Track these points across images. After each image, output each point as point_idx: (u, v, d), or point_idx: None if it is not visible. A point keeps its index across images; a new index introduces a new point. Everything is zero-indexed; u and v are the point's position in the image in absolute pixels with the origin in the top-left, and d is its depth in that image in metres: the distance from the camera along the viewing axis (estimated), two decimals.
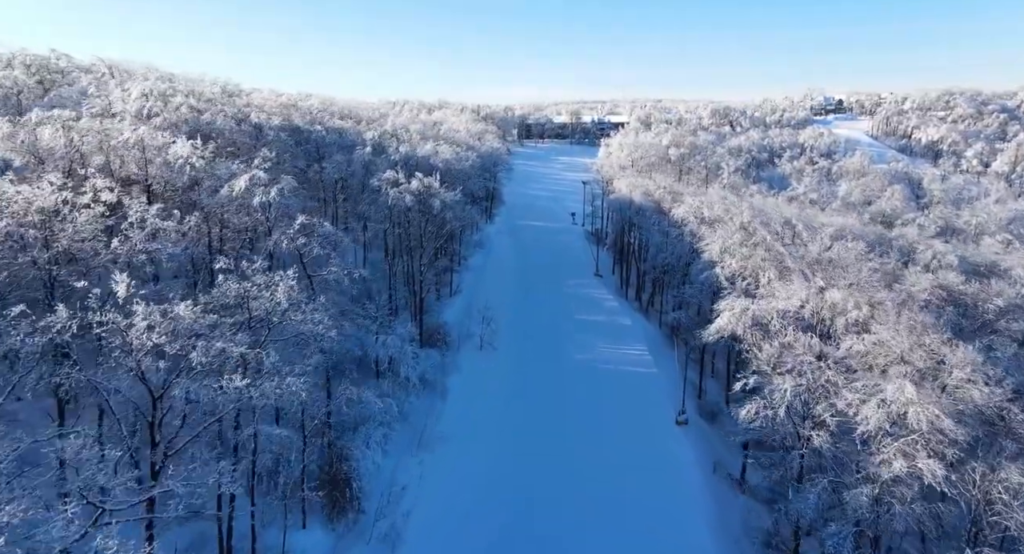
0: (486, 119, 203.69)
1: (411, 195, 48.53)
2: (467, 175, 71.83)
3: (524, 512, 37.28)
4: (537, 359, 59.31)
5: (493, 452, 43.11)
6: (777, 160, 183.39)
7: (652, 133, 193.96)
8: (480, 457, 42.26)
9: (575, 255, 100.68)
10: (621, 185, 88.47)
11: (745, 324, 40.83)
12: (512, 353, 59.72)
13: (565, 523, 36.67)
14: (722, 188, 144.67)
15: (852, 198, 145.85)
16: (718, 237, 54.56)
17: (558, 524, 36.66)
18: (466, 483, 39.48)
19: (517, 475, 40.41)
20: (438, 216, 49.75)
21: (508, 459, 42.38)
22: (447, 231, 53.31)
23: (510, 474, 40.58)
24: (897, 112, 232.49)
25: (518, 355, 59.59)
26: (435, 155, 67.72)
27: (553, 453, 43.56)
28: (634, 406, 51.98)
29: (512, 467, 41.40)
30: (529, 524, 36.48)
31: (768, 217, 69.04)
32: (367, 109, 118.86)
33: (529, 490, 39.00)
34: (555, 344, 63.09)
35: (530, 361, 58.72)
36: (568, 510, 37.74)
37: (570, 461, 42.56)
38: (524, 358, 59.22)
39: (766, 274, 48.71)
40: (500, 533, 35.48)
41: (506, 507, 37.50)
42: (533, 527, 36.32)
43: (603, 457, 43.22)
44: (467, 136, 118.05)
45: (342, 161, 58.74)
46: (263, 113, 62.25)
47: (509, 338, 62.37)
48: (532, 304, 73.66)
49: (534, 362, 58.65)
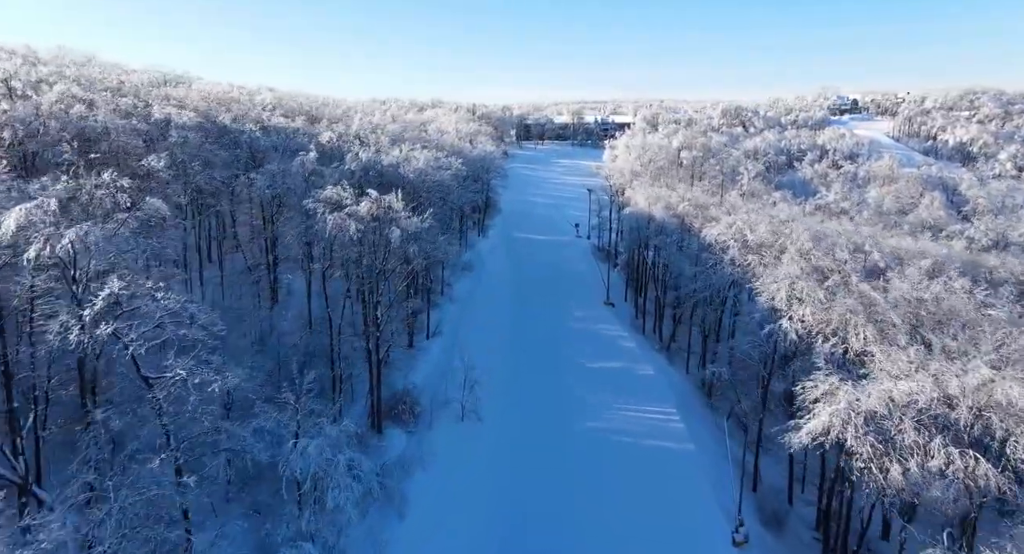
0: (482, 119, 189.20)
1: (358, 222, 34.28)
2: (447, 188, 57.68)
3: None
4: (535, 433, 44.90)
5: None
6: (797, 164, 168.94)
7: (661, 134, 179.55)
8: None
9: (581, 277, 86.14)
10: (637, 197, 74.21)
11: (856, 426, 26.43)
12: (503, 426, 45.30)
13: None
14: (741, 196, 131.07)
15: (884, 206, 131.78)
16: (782, 278, 40.14)
17: None
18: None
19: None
20: (398, 250, 35.57)
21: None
22: (412, 269, 39.02)
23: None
24: (920, 112, 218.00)
25: (511, 429, 45.17)
26: (405, 163, 53.45)
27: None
28: (669, 512, 37.57)
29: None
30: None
31: (828, 239, 54.83)
32: (337, 107, 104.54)
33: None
34: (559, 408, 48.73)
35: (526, 438, 44.27)
36: None
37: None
38: (519, 433, 44.78)
39: (859, 332, 34.36)
40: None
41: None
42: None
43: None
44: (456, 138, 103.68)
45: (277, 171, 44.54)
46: (179, 108, 48.12)
47: (500, 401, 47.95)
48: (530, 349, 59.24)
49: (531, 439, 44.23)
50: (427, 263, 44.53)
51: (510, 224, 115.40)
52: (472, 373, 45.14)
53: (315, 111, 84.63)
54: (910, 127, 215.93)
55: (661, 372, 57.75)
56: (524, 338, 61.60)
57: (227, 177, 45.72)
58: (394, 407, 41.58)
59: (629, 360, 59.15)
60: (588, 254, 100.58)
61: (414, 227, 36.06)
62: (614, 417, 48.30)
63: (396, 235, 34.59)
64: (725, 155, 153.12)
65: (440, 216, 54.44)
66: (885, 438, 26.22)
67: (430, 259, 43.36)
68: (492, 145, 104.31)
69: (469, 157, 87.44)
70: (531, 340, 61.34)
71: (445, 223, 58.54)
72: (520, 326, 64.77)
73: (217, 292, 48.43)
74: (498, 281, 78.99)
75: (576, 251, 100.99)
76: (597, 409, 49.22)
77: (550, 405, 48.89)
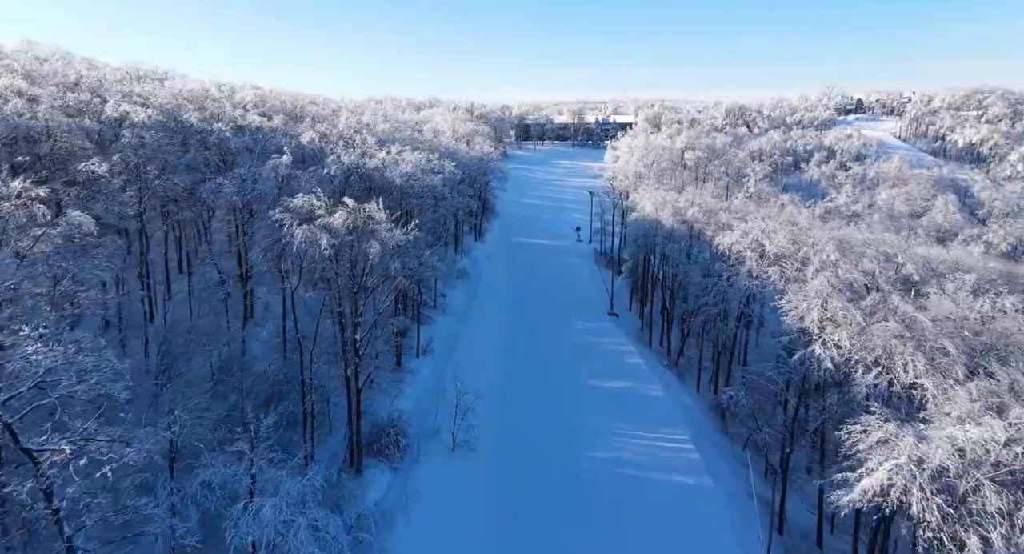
0: (480, 119, 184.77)
1: (331, 235, 29.73)
2: (439, 194, 53.02)
3: None
4: (534, 466, 40.40)
5: None
6: (804, 165, 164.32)
7: (663, 134, 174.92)
8: None
9: (583, 285, 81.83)
10: (643, 201, 69.68)
11: (922, 485, 21.93)
12: (498, 457, 40.82)
13: None
14: (747, 198, 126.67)
15: (895, 209, 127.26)
16: (813, 296, 35.58)
17: None
18: None
19: None
20: (377, 267, 30.99)
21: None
22: (396, 287, 34.41)
23: None
24: (928, 112, 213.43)
25: (508, 461, 40.69)
26: (393, 166, 48.73)
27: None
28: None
29: None
30: None
31: (853, 248, 50.33)
32: (325, 106, 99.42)
33: None
34: (561, 435, 44.27)
35: (524, 471, 39.77)
36: None
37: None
38: (516, 466, 40.27)
39: (907, 362, 29.84)
40: None
41: None
42: None
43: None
44: (452, 139, 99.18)
45: (247, 176, 39.86)
46: (141, 106, 43.57)
47: (495, 428, 43.49)
48: (530, 366, 54.77)
49: (530, 472, 39.73)
50: (412, 281, 40.01)
51: (508, 228, 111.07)
52: (465, 398, 40.69)
53: (299, 110, 79.85)
54: (917, 127, 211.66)
55: (671, 392, 53.31)
56: (523, 354, 57.15)
57: (194, 182, 41.12)
58: (376, 440, 37.07)
59: (636, 378, 54.71)
60: (590, 260, 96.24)
61: (397, 240, 31.57)
62: (622, 446, 43.85)
63: (375, 250, 30.14)
64: (730, 156, 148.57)
65: (431, 224, 50.20)
66: (957, 500, 21.74)
67: (415, 277, 38.86)
68: (490, 146, 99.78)
69: (465, 159, 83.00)
70: (530, 357, 56.90)
71: (436, 231, 54.27)
72: (519, 341, 60.33)
73: (183, 309, 43.95)
74: (496, 290, 74.56)
75: (577, 257, 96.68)
76: (603, 436, 44.78)
77: (551, 432, 44.40)
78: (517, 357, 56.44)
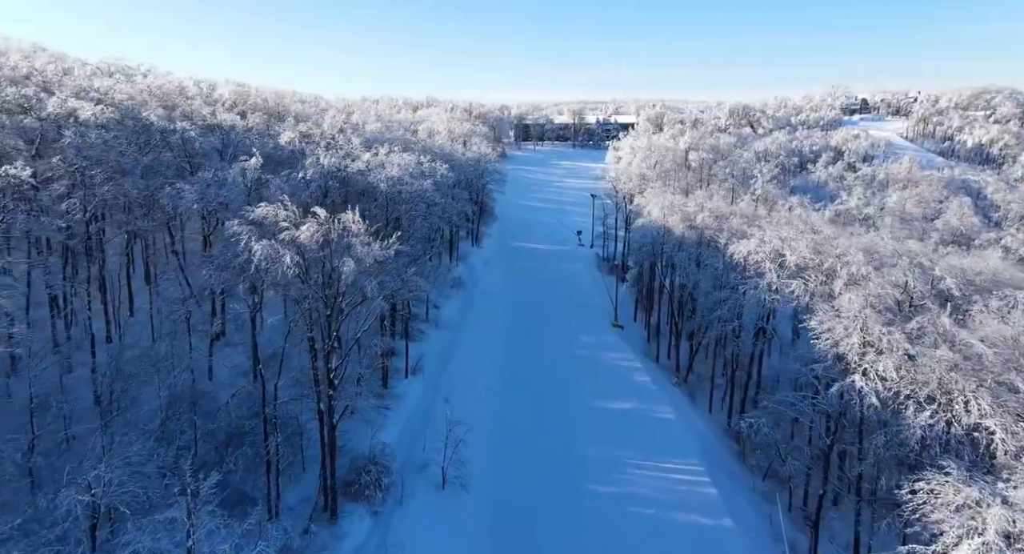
0: (479, 119, 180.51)
1: (296, 252, 25.37)
2: (431, 199, 48.57)
3: None
4: (534, 505, 36.14)
5: None
6: (811, 166, 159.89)
7: (666, 135, 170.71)
8: None
9: (585, 293, 77.58)
10: (651, 206, 65.29)
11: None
12: (494, 495, 36.55)
13: None
14: (754, 200, 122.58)
15: (907, 211, 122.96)
16: (851, 318, 31.20)
17: None
18: None
19: None
20: (353, 287, 26.56)
21: None
22: (375, 309, 29.93)
23: None
24: (935, 112, 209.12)
25: (504, 499, 36.42)
26: (378, 170, 44.20)
27: None
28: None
29: None
30: None
31: (880, 258, 46.09)
32: (312, 104, 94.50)
33: None
34: (564, 467, 40.00)
35: (523, 511, 35.50)
36: None
37: None
38: (513, 505, 36.00)
39: (969, 401, 25.56)
40: None
41: None
42: None
43: None
44: (448, 139, 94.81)
45: (211, 181, 35.40)
46: (96, 102, 39.14)
47: (491, 460, 39.25)
48: (529, 386, 50.49)
49: (529, 512, 35.48)
50: (393, 302, 35.70)
51: (507, 231, 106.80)
52: (457, 428, 36.36)
53: (282, 108, 75.15)
54: (925, 128, 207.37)
55: (682, 414, 49.02)
56: (521, 372, 52.84)
57: (154, 187, 36.66)
58: (355, 479, 32.76)
59: (644, 399, 50.45)
60: (592, 266, 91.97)
61: (375, 256, 27.22)
62: (631, 479, 39.57)
63: (350, 268, 25.83)
64: (736, 157, 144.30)
65: (422, 233, 45.88)
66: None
67: (396, 298, 34.50)
68: (488, 147, 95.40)
69: (461, 161, 78.69)
70: (530, 374, 52.61)
71: (430, 238, 49.95)
72: (517, 357, 56.03)
73: (145, 328, 39.59)
74: (493, 299, 70.21)
75: (579, 262, 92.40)
76: (609, 467, 40.51)
77: (552, 463, 40.10)
78: (515, 375, 52.18)
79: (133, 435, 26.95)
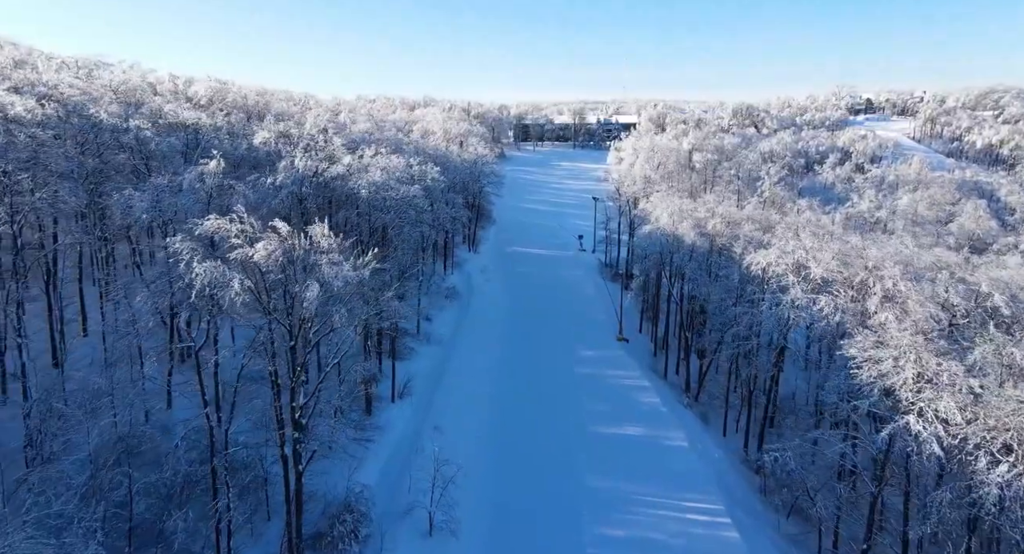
0: (477, 119, 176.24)
1: (246, 277, 21.05)
2: (420, 206, 43.91)
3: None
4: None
5: None
6: (818, 167, 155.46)
7: (669, 135, 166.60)
8: None
9: (587, 303, 73.29)
10: (658, 212, 60.87)
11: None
12: (487, 544, 32.19)
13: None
14: (761, 203, 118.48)
15: (919, 214, 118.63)
16: (904, 348, 26.83)
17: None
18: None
19: None
20: (320, 315, 22.26)
21: None
22: (348, 338, 25.14)
23: None
24: (943, 112, 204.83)
25: (499, 549, 32.04)
26: (361, 174, 39.70)
27: None
28: None
29: None
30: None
31: (918, 271, 41.92)
32: (295, 102, 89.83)
33: None
34: (568, 506, 35.73)
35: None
36: None
37: None
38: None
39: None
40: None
41: None
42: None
43: None
44: (444, 139, 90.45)
45: (164, 187, 31.05)
46: (41, 98, 34.76)
47: (484, 500, 34.93)
48: (527, 409, 46.20)
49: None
50: (367, 330, 31.36)
51: (505, 236, 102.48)
52: (447, 467, 32.11)
53: (262, 106, 70.53)
54: (932, 128, 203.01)
55: (696, 442, 44.71)
56: (519, 393, 48.57)
57: (104, 192, 32.38)
58: (328, 531, 28.46)
59: (654, 423, 46.16)
60: (595, 272, 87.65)
61: (345, 277, 22.91)
62: (641, 520, 35.27)
63: (314, 294, 21.56)
64: (741, 158, 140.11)
65: (410, 244, 41.62)
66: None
67: (369, 327, 30.24)
68: (485, 147, 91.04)
69: (456, 163, 74.36)
70: (527, 396, 48.34)
71: (422, 247, 45.61)
72: (515, 376, 51.76)
73: (98, 350, 35.26)
74: (489, 311, 65.89)
75: (581, 269, 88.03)
76: (617, 505, 36.23)
77: (553, 502, 35.84)
78: (512, 397, 47.89)
79: (57, 490, 22.66)
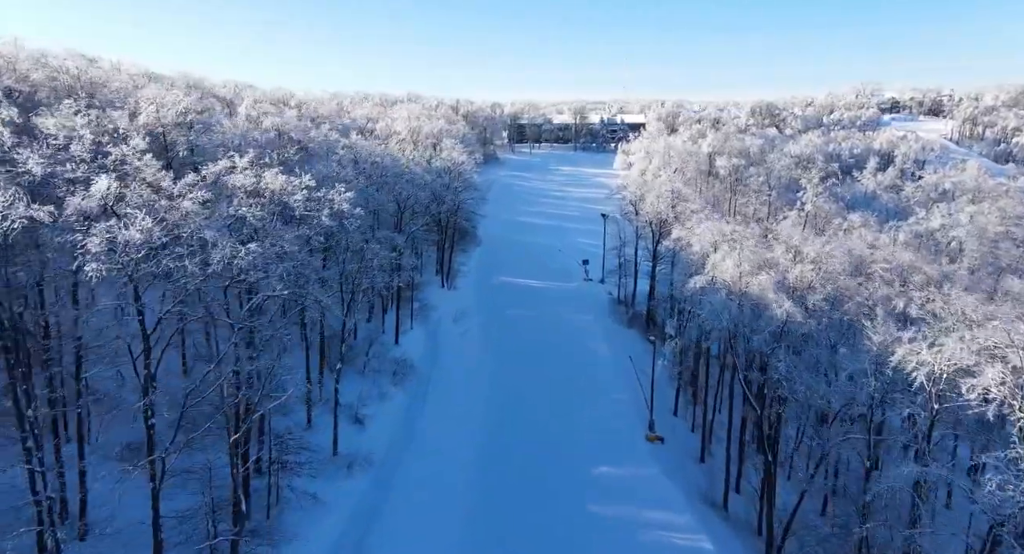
0: (465, 118, 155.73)
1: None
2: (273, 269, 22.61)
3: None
4: None
5: None
6: (855, 173, 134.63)
7: (683, 136, 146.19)
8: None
9: (602, 370, 51.94)
10: (719, 260, 38.52)
11: None
12: None
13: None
14: (802, 217, 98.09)
15: (988, 230, 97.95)
16: None
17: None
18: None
19: None
20: None
21: None
22: None
23: None
24: (984, 111, 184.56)
25: None
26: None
27: None
28: None
29: None
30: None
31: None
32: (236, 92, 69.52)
33: None
34: None
35: None
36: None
37: None
38: None
39: None
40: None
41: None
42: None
43: None
44: (410, 141, 69.72)
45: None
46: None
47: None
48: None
49: None
50: None
51: (492, 262, 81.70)
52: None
53: (87, 86, 49.41)
54: (973, 129, 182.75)
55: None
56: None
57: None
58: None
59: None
60: (606, 316, 66.79)
61: None
62: None
63: None
64: (772, 163, 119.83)
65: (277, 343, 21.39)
66: None
67: None
68: (462, 153, 70.25)
69: (416, 173, 53.81)
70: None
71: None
72: (494, 532, 30.99)
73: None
74: (460, 396, 44.38)
75: (589, 312, 66.92)
76: None
77: None
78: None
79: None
